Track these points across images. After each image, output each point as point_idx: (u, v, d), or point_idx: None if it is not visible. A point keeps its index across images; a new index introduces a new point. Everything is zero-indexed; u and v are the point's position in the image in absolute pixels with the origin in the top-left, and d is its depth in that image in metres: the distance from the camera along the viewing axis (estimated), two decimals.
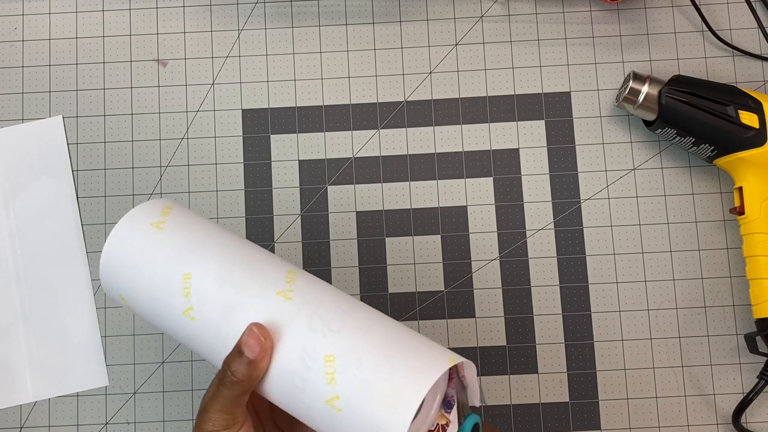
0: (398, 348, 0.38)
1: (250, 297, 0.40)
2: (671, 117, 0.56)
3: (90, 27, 0.63)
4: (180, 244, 0.42)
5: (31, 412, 0.59)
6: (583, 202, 0.60)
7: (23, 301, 0.60)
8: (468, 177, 0.61)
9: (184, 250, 0.41)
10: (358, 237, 0.60)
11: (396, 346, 0.38)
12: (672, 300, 0.59)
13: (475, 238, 0.60)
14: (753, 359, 0.58)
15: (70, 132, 0.62)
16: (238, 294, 0.40)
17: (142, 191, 0.61)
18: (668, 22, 0.62)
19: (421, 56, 0.62)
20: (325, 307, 0.39)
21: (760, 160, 0.55)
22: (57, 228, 0.61)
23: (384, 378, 0.36)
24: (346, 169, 0.61)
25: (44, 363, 0.59)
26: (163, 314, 0.41)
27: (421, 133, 0.61)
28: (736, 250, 0.59)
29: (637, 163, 0.61)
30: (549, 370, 0.58)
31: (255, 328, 0.38)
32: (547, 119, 0.61)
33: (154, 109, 0.62)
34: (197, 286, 0.40)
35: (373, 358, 0.37)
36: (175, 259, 0.41)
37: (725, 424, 0.58)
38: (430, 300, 0.59)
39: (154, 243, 0.42)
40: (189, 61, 0.62)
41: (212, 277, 0.40)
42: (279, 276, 0.41)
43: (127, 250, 0.42)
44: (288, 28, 0.63)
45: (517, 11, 0.62)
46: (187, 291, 0.40)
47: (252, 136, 0.61)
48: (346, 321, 0.39)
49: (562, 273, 0.60)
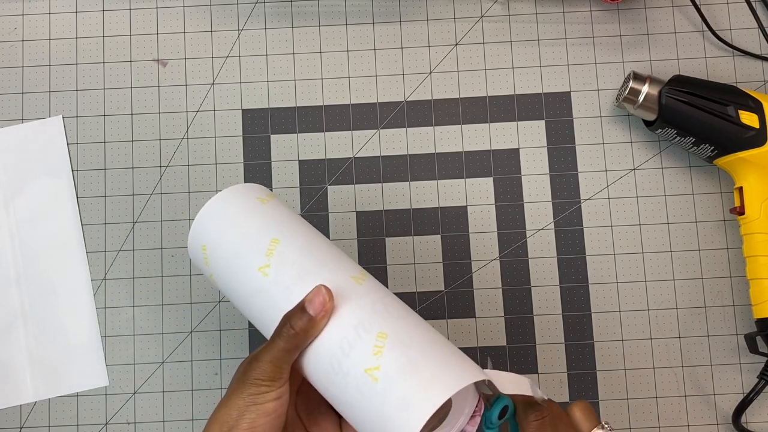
0: (448, 348, 0.40)
1: (326, 271, 0.42)
2: (671, 117, 0.56)
3: (90, 27, 0.63)
4: (277, 218, 0.45)
5: (31, 412, 0.59)
6: (583, 202, 0.60)
7: (23, 301, 0.60)
8: (468, 177, 0.61)
9: (280, 224, 0.45)
10: (358, 237, 0.60)
11: (446, 347, 0.40)
12: (672, 300, 0.59)
13: (475, 238, 0.60)
14: (753, 359, 0.58)
15: (70, 132, 0.62)
16: (315, 266, 0.42)
17: (142, 191, 0.61)
18: (668, 22, 0.62)
19: (421, 56, 0.62)
20: (390, 299, 0.42)
21: (760, 160, 0.55)
22: (57, 228, 0.61)
23: (428, 365, 0.38)
24: (346, 169, 0.61)
25: (44, 363, 0.59)
26: (240, 267, 0.44)
27: (421, 133, 0.61)
28: (736, 250, 0.59)
29: (637, 163, 0.61)
30: (549, 370, 0.58)
31: (323, 288, 0.40)
32: (547, 119, 0.61)
33: (154, 109, 0.62)
34: (281, 251, 0.43)
35: (422, 348, 0.39)
36: (269, 225, 0.45)
37: (725, 424, 0.58)
38: (430, 300, 0.59)
39: (255, 209, 0.46)
40: (189, 61, 0.62)
41: (297, 247, 0.43)
42: (354, 268, 0.44)
43: (230, 207, 0.46)
44: (288, 28, 0.63)
45: (517, 11, 0.62)
46: (270, 252, 0.43)
47: (252, 136, 0.61)
48: (406, 316, 0.41)
49: (562, 273, 0.60)
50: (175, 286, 0.60)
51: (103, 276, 0.60)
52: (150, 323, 0.60)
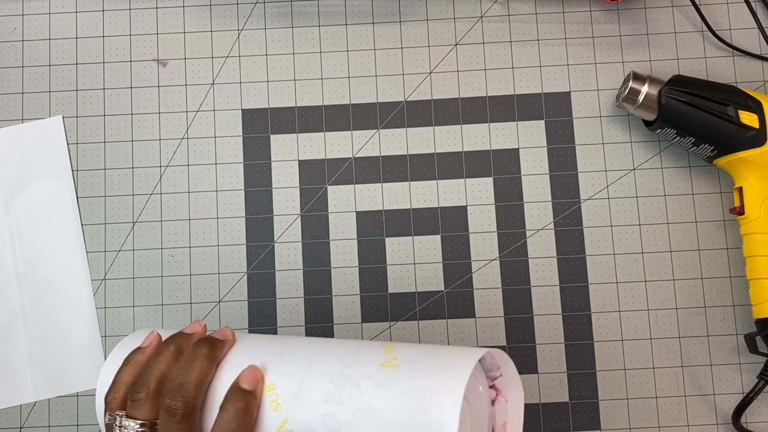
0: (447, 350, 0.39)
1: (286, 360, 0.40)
2: (671, 117, 0.56)
3: (90, 27, 0.63)
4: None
5: (31, 412, 0.59)
6: (583, 202, 0.60)
7: (23, 301, 0.60)
8: (468, 177, 0.61)
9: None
10: (358, 237, 0.60)
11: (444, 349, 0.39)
12: (672, 300, 0.59)
13: (475, 238, 0.60)
14: (753, 359, 0.58)
15: (70, 132, 0.62)
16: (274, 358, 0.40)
17: (142, 191, 0.61)
18: (668, 22, 0.62)
19: (421, 56, 0.62)
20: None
21: (760, 160, 0.55)
22: (57, 228, 0.61)
23: (442, 349, 0.37)
24: (346, 169, 0.61)
25: (44, 363, 0.59)
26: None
27: (421, 133, 0.61)
28: (736, 250, 0.59)
29: (637, 163, 0.61)
30: (549, 370, 0.58)
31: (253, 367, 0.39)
32: (547, 119, 0.61)
33: (154, 109, 0.62)
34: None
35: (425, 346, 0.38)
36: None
37: (725, 424, 0.58)
38: (430, 300, 0.59)
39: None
40: (189, 61, 0.62)
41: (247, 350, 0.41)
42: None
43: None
44: (288, 28, 0.63)
45: (517, 11, 0.62)
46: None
47: (252, 136, 0.61)
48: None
49: (562, 273, 0.60)
50: (175, 286, 0.60)
51: (103, 276, 0.60)
52: (150, 323, 0.60)
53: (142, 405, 0.39)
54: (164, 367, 0.40)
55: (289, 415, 0.37)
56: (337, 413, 0.36)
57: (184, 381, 0.39)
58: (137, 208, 0.61)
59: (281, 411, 0.37)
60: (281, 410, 0.37)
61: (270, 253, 0.60)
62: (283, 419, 0.37)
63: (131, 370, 0.42)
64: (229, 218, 0.61)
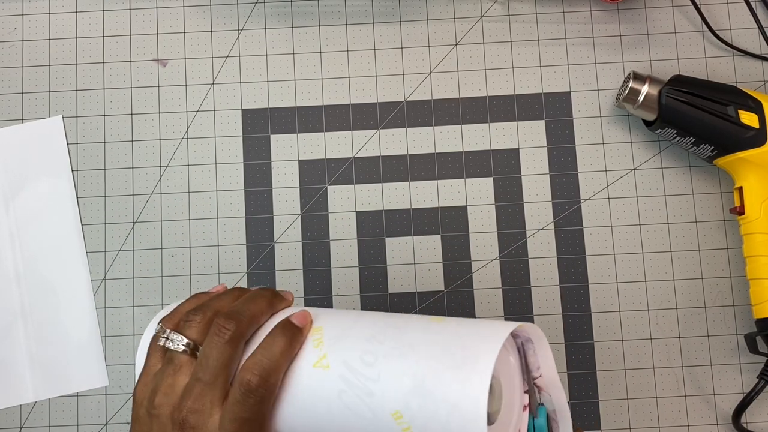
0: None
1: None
2: (671, 117, 0.56)
3: (90, 27, 0.63)
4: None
5: (31, 412, 0.59)
6: (583, 202, 0.60)
7: (23, 301, 0.60)
8: (468, 177, 0.61)
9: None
10: (358, 237, 0.60)
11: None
12: (672, 300, 0.59)
13: (475, 238, 0.60)
14: (753, 359, 0.58)
15: (70, 132, 0.62)
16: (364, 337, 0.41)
17: (142, 191, 0.61)
18: (668, 22, 0.62)
19: (421, 56, 0.62)
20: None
21: (760, 160, 0.55)
22: (57, 228, 0.61)
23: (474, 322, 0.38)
24: (346, 169, 0.61)
25: (44, 363, 0.59)
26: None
27: (421, 133, 0.61)
28: (736, 250, 0.59)
29: (637, 163, 0.61)
30: None
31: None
32: (547, 119, 0.61)
33: (154, 109, 0.62)
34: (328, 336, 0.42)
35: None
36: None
37: (725, 424, 0.58)
38: (430, 300, 0.59)
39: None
40: (189, 61, 0.62)
41: (340, 327, 0.42)
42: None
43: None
44: (288, 28, 0.63)
45: (517, 11, 0.62)
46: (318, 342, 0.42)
47: (252, 136, 0.61)
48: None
49: (562, 273, 0.60)
50: (175, 286, 0.60)
51: (103, 276, 0.60)
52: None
53: (194, 326, 0.40)
54: (225, 303, 0.41)
55: (329, 351, 0.38)
56: (377, 350, 0.37)
57: (240, 310, 0.40)
58: (137, 208, 0.61)
59: (322, 348, 0.39)
60: (322, 347, 0.39)
61: (270, 253, 0.60)
62: (322, 354, 0.38)
63: (194, 301, 0.43)
64: (229, 218, 0.61)
